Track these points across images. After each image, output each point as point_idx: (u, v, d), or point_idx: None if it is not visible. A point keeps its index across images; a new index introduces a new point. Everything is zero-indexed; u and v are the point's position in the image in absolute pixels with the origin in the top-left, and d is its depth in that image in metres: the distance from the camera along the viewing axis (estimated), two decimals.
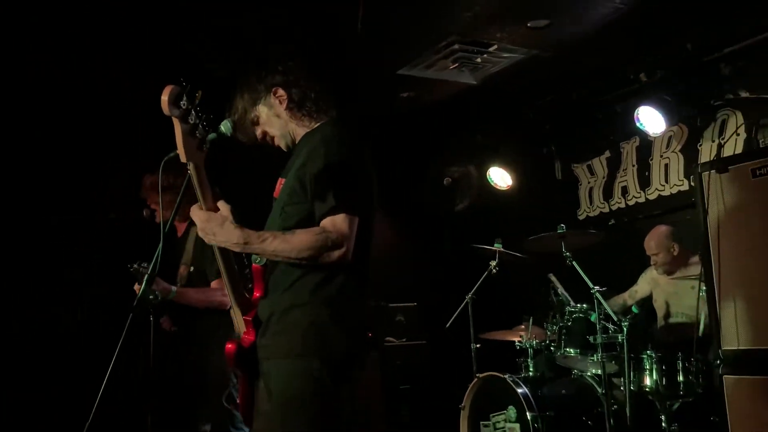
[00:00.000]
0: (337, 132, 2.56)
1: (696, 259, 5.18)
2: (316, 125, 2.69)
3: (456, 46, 5.33)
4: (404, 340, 6.66)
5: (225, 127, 2.65)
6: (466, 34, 5.14)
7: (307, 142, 2.62)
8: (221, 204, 2.39)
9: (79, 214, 5.63)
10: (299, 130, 2.71)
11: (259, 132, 2.74)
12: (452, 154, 7.59)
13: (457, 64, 5.69)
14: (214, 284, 3.92)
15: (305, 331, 2.39)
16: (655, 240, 5.31)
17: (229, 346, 2.52)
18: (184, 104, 2.20)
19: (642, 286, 5.57)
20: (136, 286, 3.72)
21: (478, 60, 5.63)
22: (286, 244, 2.34)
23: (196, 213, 2.39)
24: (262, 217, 2.61)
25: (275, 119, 2.71)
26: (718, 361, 3.56)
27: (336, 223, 2.35)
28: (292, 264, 2.43)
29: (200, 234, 2.39)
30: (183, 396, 3.93)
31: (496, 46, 5.36)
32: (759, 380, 3.42)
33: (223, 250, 2.44)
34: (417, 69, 5.75)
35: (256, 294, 2.57)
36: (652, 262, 5.38)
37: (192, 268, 4.02)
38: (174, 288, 3.82)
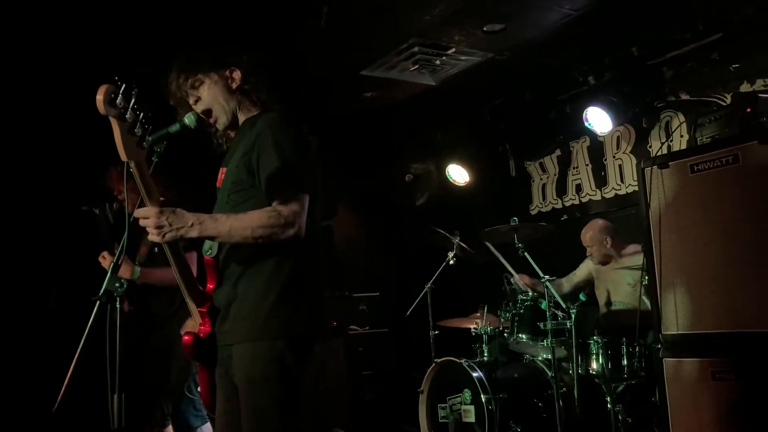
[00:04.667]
0: (281, 118, 2.49)
1: (629, 249, 5.25)
2: (257, 113, 2.62)
3: (416, 49, 5.31)
4: (367, 328, 6.63)
5: (189, 119, 2.59)
6: (426, 36, 5.12)
7: (250, 128, 2.53)
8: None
9: (51, 207, 5.51)
10: (240, 115, 2.63)
11: (193, 97, 2.61)
12: (413, 151, 7.58)
13: (417, 66, 5.67)
14: None
15: (266, 313, 2.35)
16: (591, 233, 5.37)
17: (186, 338, 2.46)
18: (120, 103, 2.11)
19: (581, 270, 5.59)
20: (103, 255, 3.60)
21: (437, 62, 5.62)
22: (240, 222, 2.29)
23: (144, 212, 2.27)
24: (206, 209, 2.50)
25: (223, 91, 2.59)
26: (658, 345, 3.59)
27: (287, 201, 2.31)
28: (247, 246, 2.37)
29: (153, 233, 2.26)
30: (146, 380, 3.85)
31: (454, 49, 5.36)
32: (695, 362, 3.45)
33: (173, 245, 2.34)
34: (379, 70, 5.72)
35: (210, 286, 2.50)
36: (587, 253, 5.44)
37: (156, 248, 3.92)
38: (138, 267, 3.72)
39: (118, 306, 3.09)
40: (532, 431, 4.75)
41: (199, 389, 2.62)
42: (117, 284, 2.76)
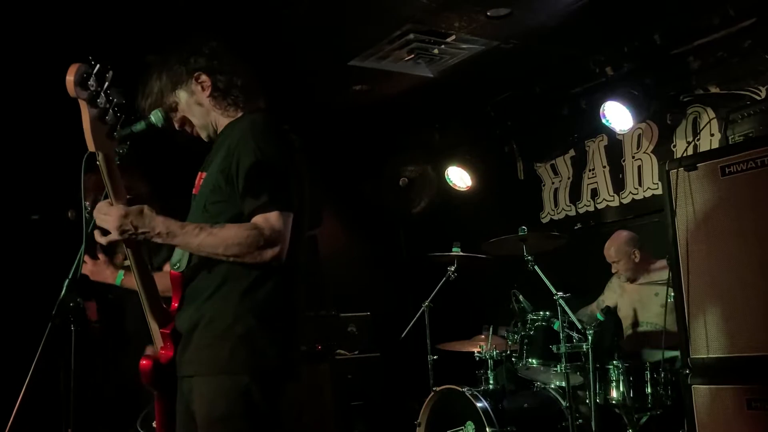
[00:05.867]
0: (264, 122, 2.49)
1: (659, 264, 5.26)
2: (239, 115, 2.62)
3: (411, 36, 5.33)
4: (356, 352, 6.61)
5: (155, 117, 2.57)
6: (422, 22, 5.14)
7: (231, 133, 2.54)
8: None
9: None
10: (222, 120, 2.63)
11: (177, 119, 2.65)
12: (408, 152, 7.58)
13: (412, 56, 5.69)
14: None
15: (233, 343, 2.33)
16: (615, 246, 5.39)
17: (143, 362, 2.44)
18: (92, 85, 2.10)
19: (608, 296, 5.63)
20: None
21: (435, 51, 5.64)
22: (213, 237, 2.28)
23: (107, 210, 2.27)
24: (181, 215, 2.49)
25: (196, 107, 2.62)
26: (687, 371, 3.60)
27: (269, 219, 2.30)
28: (219, 262, 2.36)
29: (115, 234, 2.26)
30: (114, 407, 3.83)
31: (454, 37, 5.37)
32: (728, 389, 3.47)
33: (137, 256, 2.35)
34: (370, 60, 5.73)
35: (174, 305, 2.49)
36: (613, 270, 5.46)
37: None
38: (121, 271, 3.65)
39: (72, 328, 3.07)
40: None
41: (154, 424, 2.59)
42: (72, 303, 2.75)
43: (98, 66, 2.11)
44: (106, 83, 2.15)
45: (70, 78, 2.08)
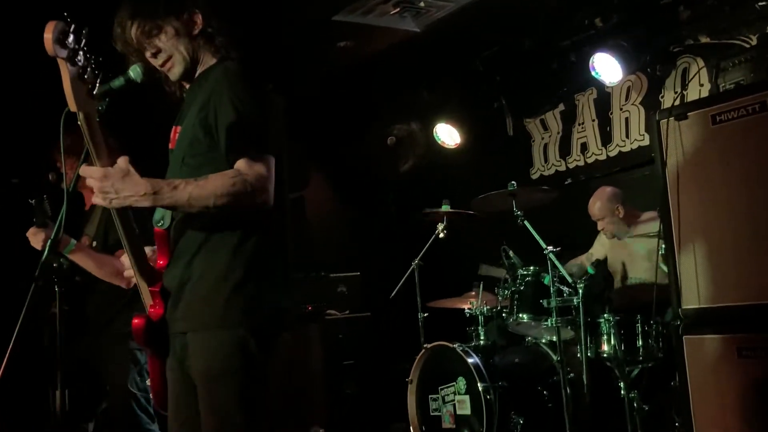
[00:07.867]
0: (238, 69, 2.49)
1: (645, 216, 5.26)
2: (212, 63, 2.60)
3: None
4: (347, 312, 6.64)
5: (134, 72, 2.54)
6: None
7: (204, 83, 2.53)
8: (119, 158, 2.24)
9: None
10: (199, 66, 2.60)
11: (152, 48, 2.56)
12: (395, 110, 7.54)
13: (398, 9, 5.64)
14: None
15: (226, 297, 2.34)
16: (599, 204, 5.37)
17: (136, 321, 2.44)
18: (70, 43, 2.07)
19: (597, 249, 5.64)
20: (31, 231, 3.57)
21: (422, 4, 5.60)
22: (202, 190, 2.24)
23: (89, 170, 2.21)
24: (157, 173, 2.43)
25: (184, 39, 2.56)
26: (678, 321, 3.62)
27: (252, 165, 2.29)
28: (204, 217, 2.35)
29: (98, 197, 2.21)
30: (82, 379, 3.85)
31: None
32: (720, 339, 3.49)
33: (123, 213, 2.31)
34: (354, 15, 5.68)
35: (161, 262, 2.49)
36: (598, 227, 5.45)
37: (94, 243, 3.89)
38: (73, 241, 3.66)
39: (56, 288, 3.07)
40: (536, 423, 4.79)
41: (148, 382, 2.60)
42: (55, 264, 2.74)
43: (74, 24, 2.07)
44: (84, 41, 2.12)
45: (48, 36, 2.04)
